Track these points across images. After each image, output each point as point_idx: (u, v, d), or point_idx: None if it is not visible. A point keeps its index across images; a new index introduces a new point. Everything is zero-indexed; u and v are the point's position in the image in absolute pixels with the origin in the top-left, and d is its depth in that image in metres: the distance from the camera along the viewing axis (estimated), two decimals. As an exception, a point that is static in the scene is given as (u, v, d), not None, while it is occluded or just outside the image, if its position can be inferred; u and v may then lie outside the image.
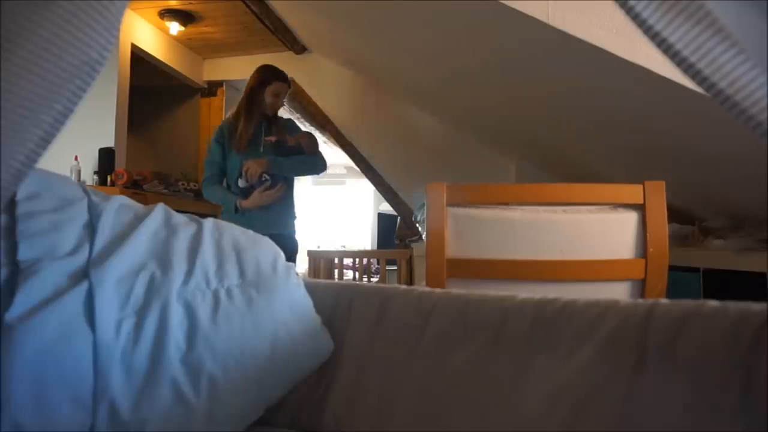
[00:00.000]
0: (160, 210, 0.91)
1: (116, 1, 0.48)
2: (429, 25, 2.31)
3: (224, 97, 4.93)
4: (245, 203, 2.43)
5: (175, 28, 4.02)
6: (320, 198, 8.33)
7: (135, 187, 3.57)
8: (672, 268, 1.41)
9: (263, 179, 2.43)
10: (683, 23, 0.45)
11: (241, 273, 0.86)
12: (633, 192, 1.39)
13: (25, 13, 0.45)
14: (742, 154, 1.87)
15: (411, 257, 3.87)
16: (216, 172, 2.56)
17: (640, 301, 0.65)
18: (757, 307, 0.55)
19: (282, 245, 2.13)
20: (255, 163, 2.40)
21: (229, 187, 2.54)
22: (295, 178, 2.65)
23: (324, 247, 5.97)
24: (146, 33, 4.08)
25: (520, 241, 1.39)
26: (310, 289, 0.92)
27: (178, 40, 4.37)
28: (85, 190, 0.87)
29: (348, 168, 7.38)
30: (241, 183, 2.43)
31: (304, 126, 4.34)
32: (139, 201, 0.95)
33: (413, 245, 4.05)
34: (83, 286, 0.73)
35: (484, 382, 0.71)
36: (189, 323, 0.78)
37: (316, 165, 2.60)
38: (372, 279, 4.40)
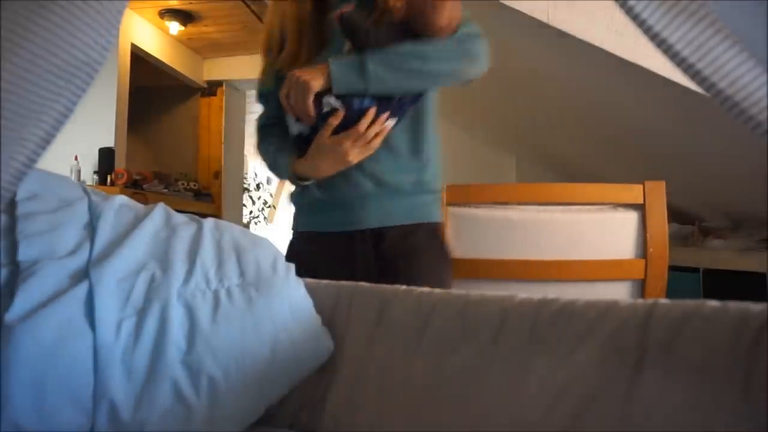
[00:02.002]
0: (160, 210, 0.91)
1: (116, 0, 0.48)
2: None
3: (224, 97, 4.93)
4: (300, 167, 1.12)
5: (175, 27, 4.02)
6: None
7: (135, 187, 3.58)
8: (672, 268, 1.41)
9: (324, 109, 1.06)
10: (683, 23, 0.45)
11: (241, 273, 0.86)
12: (633, 192, 1.39)
13: (25, 13, 0.45)
14: (742, 153, 1.88)
15: (411, 257, 3.86)
16: (272, 110, 1.22)
17: (640, 301, 0.65)
18: (757, 307, 0.55)
19: (425, 262, 1.14)
20: (299, 76, 1.05)
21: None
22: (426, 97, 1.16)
23: (324, 247, 5.95)
24: (146, 33, 4.08)
25: (519, 241, 1.39)
26: (310, 289, 0.92)
27: (178, 39, 4.37)
28: (85, 190, 0.87)
29: (348, 168, 7.36)
30: (292, 126, 1.13)
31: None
32: (139, 201, 0.95)
33: (413, 245, 4.05)
34: (83, 287, 0.73)
35: (484, 383, 0.71)
36: (189, 323, 0.78)
37: (457, 55, 1.08)
38: (372, 279, 4.38)
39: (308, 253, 1.16)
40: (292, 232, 1.24)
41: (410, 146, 1.15)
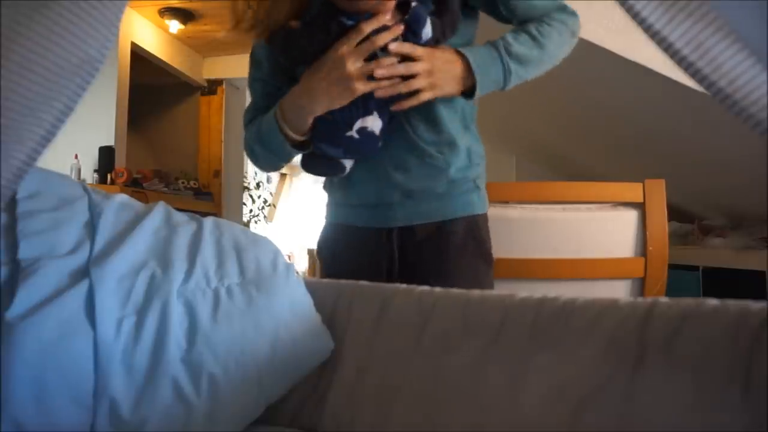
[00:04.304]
0: (160, 209, 0.91)
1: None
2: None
3: (224, 96, 4.93)
4: (287, 107, 0.93)
5: (175, 26, 4.02)
6: (320, 197, 8.31)
7: (135, 186, 3.58)
8: (671, 267, 1.41)
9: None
10: (683, 21, 0.45)
11: (242, 272, 0.86)
12: (633, 190, 1.39)
13: (25, 11, 0.45)
14: (742, 152, 1.88)
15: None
16: (263, 97, 1.06)
17: (640, 299, 0.65)
18: (756, 305, 0.55)
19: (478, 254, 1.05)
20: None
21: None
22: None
23: (324, 246, 5.96)
24: (146, 31, 4.07)
25: (519, 239, 1.39)
26: (310, 288, 0.92)
27: (177, 38, 4.37)
28: (85, 189, 0.87)
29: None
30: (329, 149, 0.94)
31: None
32: (139, 199, 0.95)
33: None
34: (84, 285, 0.73)
35: (484, 382, 0.71)
36: (189, 322, 0.78)
37: (568, 38, 1.01)
38: (372, 277, 4.37)
39: (337, 243, 1.15)
40: (325, 220, 1.20)
41: (437, 139, 1.00)
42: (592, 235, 1.41)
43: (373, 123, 0.90)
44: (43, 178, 0.83)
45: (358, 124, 0.89)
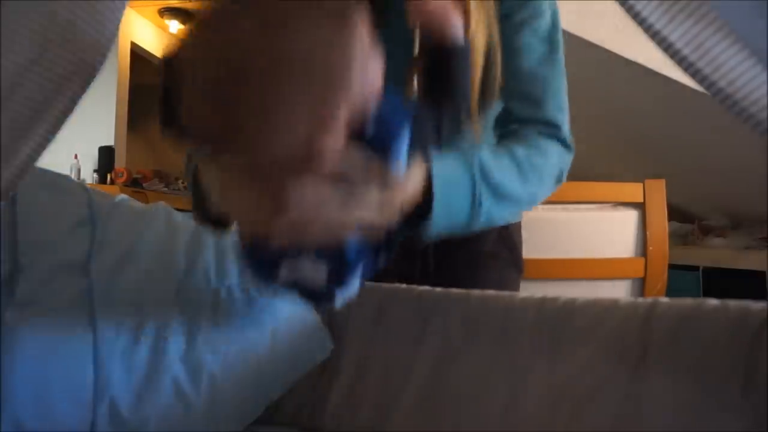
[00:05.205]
0: (160, 209, 0.91)
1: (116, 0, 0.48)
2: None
3: (224, 96, 4.92)
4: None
5: (174, 26, 4.02)
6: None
7: (135, 186, 3.58)
8: (672, 267, 1.41)
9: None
10: (683, 21, 0.45)
11: (241, 271, 0.86)
12: (633, 190, 1.39)
13: (25, 12, 0.45)
14: (742, 152, 1.88)
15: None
16: None
17: (640, 300, 0.65)
18: (757, 305, 0.55)
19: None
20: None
21: None
22: None
23: (324, 246, 5.96)
24: (146, 31, 4.07)
25: (519, 239, 1.39)
26: (310, 287, 0.92)
27: (177, 38, 4.37)
28: (85, 189, 0.87)
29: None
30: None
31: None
32: (139, 199, 0.95)
33: (413, 244, 4.05)
34: (84, 285, 0.73)
35: (485, 382, 0.71)
36: (189, 322, 0.78)
37: (557, 177, 0.83)
38: (372, 277, 4.37)
39: None
40: None
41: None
42: (592, 235, 1.41)
43: (313, 271, 0.55)
44: (43, 178, 0.83)
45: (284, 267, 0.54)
